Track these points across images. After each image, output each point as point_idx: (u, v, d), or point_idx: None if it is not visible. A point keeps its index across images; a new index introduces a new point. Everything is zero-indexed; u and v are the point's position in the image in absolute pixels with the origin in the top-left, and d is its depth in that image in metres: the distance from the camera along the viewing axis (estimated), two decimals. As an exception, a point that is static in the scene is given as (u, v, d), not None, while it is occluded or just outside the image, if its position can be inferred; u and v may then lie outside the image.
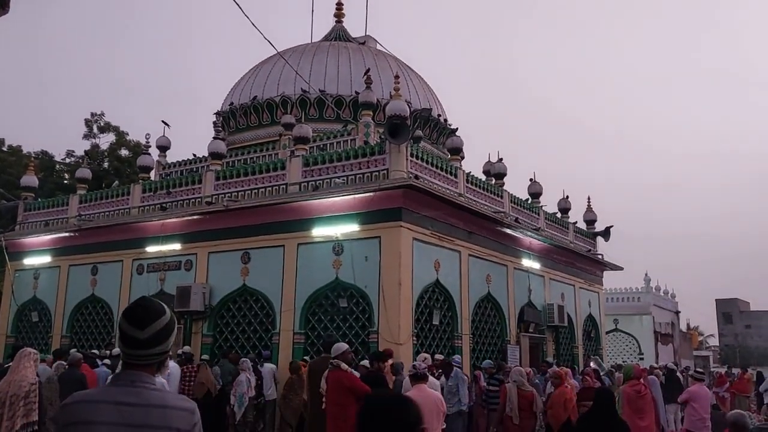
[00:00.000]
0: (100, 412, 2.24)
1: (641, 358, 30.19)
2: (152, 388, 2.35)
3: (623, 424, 6.92)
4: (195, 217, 16.06)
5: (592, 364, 17.39)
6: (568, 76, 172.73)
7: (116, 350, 13.30)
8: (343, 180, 14.24)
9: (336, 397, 7.48)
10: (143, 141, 21.02)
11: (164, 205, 16.71)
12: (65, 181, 30.56)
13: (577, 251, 21.33)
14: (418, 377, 7.00)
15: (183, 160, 20.53)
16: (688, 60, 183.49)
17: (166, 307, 2.45)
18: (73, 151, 32.28)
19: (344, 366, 7.60)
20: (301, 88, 19.36)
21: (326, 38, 23.72)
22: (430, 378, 8.74)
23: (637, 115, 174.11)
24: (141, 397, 2.29)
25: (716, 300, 76.51)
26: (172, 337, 2.42)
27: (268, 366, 13.45)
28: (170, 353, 2.47)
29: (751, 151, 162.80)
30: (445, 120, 22.18)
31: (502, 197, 17.61)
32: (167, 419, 2.28)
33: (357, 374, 8.28)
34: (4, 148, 31.92)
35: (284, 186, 15.07)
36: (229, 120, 21.08)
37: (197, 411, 2.43)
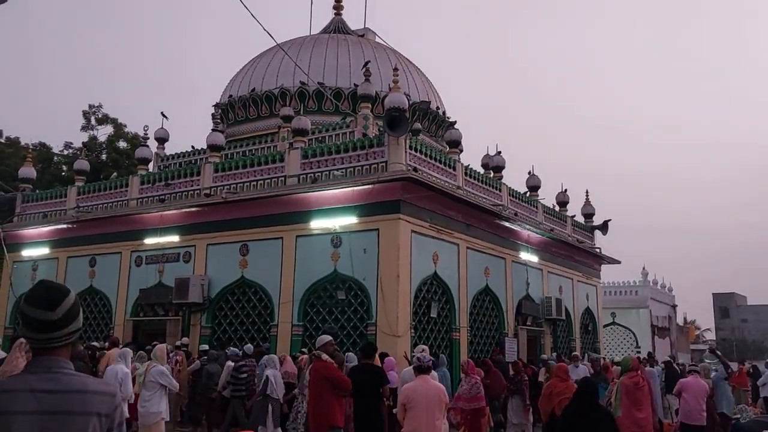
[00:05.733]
0: (16, 401, 2.15)
1: (638, 352, 30.18)
2: (71, 373, 2.27)
3: (605, 411, 6.96)
4: (194, 209, 16.06)
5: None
6: (567, 67, 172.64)
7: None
8: (342, 172, 14.24)
9: (315, 385, 7.70)
10: (141, 133, 21.02)
11: (163, 197, 16.70)
12: (63, 173, 30.48)
13: (575, 245, 21.35)
14: (421, 369, 7.03)
15: (181, 152, 20.54)
16: (685, 50, 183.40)
17: (66, 286, 2.40)
18: (71, 143, 32.22)
19: (325, 356, 7.78)
20: (300, 81, 19.32)
21: (325, 30, 23.66)
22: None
23: (635, 105, 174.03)
24: (60, 383, 2.22)
25: (713, 294, 77.18)
26: (80, 315, 2.35)
27: None
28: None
29: (747, 142, 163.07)
30: (444, 113, 22.17)
31: (500, 190, 17.60)
32: (87, 404, 2.23)
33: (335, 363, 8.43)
34: (2, 140, 31.81)
35: (283, 178, 15.07)
36: (227, 112, 21.05)
37: (119, 394, 2.39)
